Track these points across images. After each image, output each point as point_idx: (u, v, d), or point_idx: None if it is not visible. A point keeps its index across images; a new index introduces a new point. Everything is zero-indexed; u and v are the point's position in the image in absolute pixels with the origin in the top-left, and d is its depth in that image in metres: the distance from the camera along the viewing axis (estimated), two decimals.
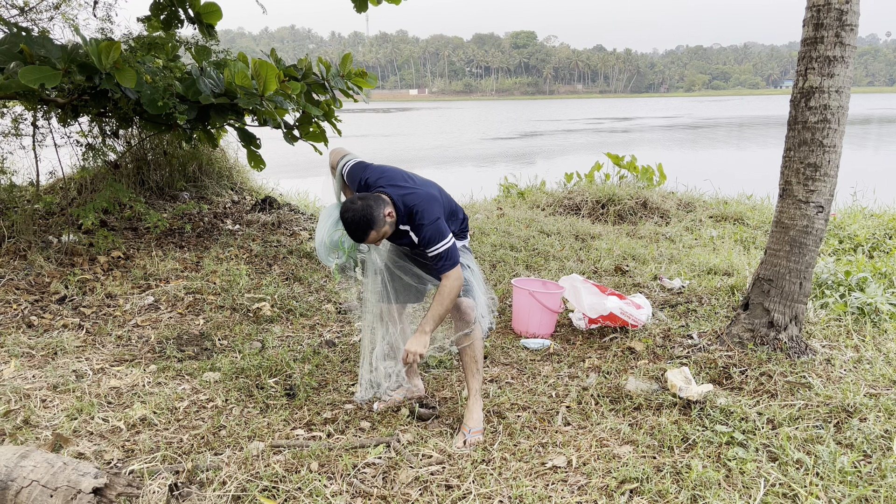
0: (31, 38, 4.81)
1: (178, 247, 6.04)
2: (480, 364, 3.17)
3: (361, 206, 2.82)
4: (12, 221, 5.67)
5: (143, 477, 2.62)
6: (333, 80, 6.08)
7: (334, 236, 3.09)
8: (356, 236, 2.87)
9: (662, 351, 3.95)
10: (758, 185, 9.82)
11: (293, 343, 4.22)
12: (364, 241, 2.90)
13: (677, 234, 7.39)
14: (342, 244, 3.10)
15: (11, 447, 2.43)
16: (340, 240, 3.09)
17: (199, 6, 6.81)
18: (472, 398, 3.15)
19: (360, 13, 6.42)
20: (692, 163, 20.05)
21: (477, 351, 3.14)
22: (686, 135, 34.76)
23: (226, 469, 2.72)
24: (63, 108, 5.66)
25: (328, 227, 3.09)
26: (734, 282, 5.16)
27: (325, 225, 3.10)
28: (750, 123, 44.05)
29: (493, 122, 52.35)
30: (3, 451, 2.36)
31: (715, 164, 19.67)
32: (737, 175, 13.40)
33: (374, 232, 2.85)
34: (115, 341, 4.14)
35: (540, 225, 7.65)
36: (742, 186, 9.98)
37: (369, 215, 2.81)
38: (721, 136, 33.97)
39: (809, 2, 3.53)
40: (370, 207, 2.82)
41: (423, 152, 26.58)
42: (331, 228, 3.09)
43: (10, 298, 4.57)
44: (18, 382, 3.41)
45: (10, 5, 7.97)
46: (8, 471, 2.27)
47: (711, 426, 3.03)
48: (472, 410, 3.12)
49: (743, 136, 33.48)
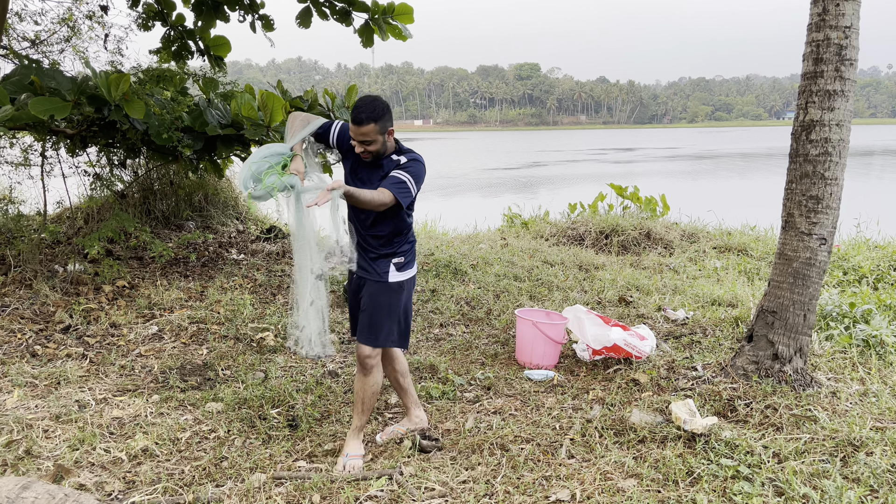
0: (42, 69, 4.90)
1: (183, 276, 6.06)
2: (367, 406, 3.23)
3: (384, 101, 2.98)
4: (19, 251, 5.71)
5: None
6: (339, 112, 6.15)
7: (262, 166, 2.95)
8: (361, 111, 2.91)
9: (667, 383, 3.93)
10: (761, 216, 9.84)
11: (296, 373, 4.22)
12: (363, 123, 2.91)
13: (681, 264, 7.39)
14: (264, 177, 2.94)
15: (13, 478, 2.42)
16: (266, 173, 2.94)
17: (208, 39, 6.95)
18: (350, 430, 3.26)
19: (367, 48, 6.52)
20: (695, 193, 20.12)
21: (367, 392, 3.20)
22: (689, 166, 34.92)
23: (227, 501, 2.70)
24: (72, 138, 5.73)
25: (259, 157, 2.96)
26: (738, 313, 5.15)
27: (259, 154, 2.97)
28: (753, 154, 44.25)
29: (497, 152, 52.70)
30: (5, 483, 2.35)
31: (718, 195, 19.75)
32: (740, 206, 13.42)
33: (375, 124, 2.91)
34: (118, 371, 4.14)
35: (544, 255, 7.66)
36: (746, 217, 10.01)
37: (385, 108, 2.96)
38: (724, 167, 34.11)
39: (809, 37, 3.58)
40: (388, 109, 2.98)
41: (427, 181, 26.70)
42: (261, 160, 2.96)
43: (15, 327, 4.58)
44: (21, 412, 3.40)
45: (21, 38, 8.11)
46: (10, 501, 2.26)
47: (717, 460, 3.00)
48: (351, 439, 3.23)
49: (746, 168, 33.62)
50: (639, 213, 9.76)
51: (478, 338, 4.97)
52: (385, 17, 6.45)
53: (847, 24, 3.48)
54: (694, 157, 41.85)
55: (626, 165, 35.65)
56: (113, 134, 5.64)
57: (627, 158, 42.03)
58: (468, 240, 8.94)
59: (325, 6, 6.55)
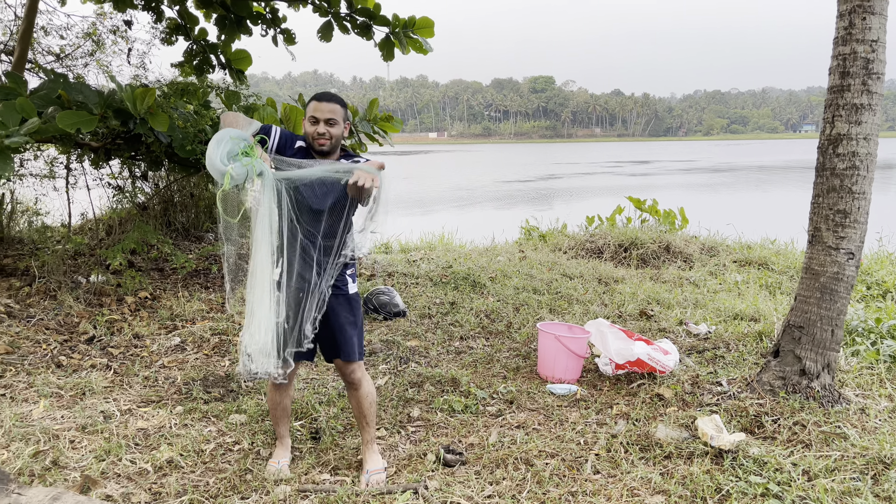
0: (70, 84, 4.97)
1: (204, 287, 6.10)
2: (371, 418, 3.19)
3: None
4: (43, 262, 5.77)
5: None
6: (360, 125, 6.19)
7: (234, 147, 2.69)
8: (326, 93, 2.93)
9: (691, 398, 3.89)
10: (781, 230, 9.76)
11: (318, 386, 4.22)
12: (332, 100, 2.89)
13: (701, 278, 7.34)
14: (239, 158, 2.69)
15: (43, 489, 2.44)
16: (238, 155, 2.70)
17: (229, 53, 7.04)
18: (363, 446, 3.20)
19: (387, 62, 6.56)
20: (714, 206, 20.00)
21: (365, 405, 3.15)
22: (706, 178, 34.75)
23: None
24: (96, 151, 5.81)
25: (226, 137, 2.69)
26: (762, 328, 5.10)
27: (226, 135, 2.69)
28: (770, 167, 43.96)
29: (512, 164, 52.75)
30: (35, 493, 2.37)
31: (737, 208, 19.60)
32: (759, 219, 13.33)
33: (341, 107, 2.91)
34: (142, 382, 4.16)
35: (562, 268, 7.64)
36: (765, 230, 9.93)
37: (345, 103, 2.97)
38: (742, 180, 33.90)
39: (835, 50, 3.56)
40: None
41: (442, 194, 26.78)
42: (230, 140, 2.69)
43: (41, 338, 4.63)
44: (48, 423, 3.43)
45: (46, 52, 8.25)
46: None
47: (745, 476, 2.96)
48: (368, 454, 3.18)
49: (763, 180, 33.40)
50: (657, 226, 9.71)
51: (499, 351, 4.96)
52: (406, 30, 6.50)
53: (874, 37, 3.46)
54: (711, 170, 41.66)
55: (643, 178, 35.53)
56: (137, 147, 5.71)
57: (643, 171, 41.91)
58: (486, 252, 8.93)
59: (347, 20, 6.61)
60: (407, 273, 7.25)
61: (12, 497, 2.38)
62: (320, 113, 2.88)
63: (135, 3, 6.83)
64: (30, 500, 2.36)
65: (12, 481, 2.50)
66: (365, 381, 3.16)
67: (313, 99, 2.94)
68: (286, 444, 3.29)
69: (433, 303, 6.17)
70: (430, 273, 7.25)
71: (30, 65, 7.32)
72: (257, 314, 2.79)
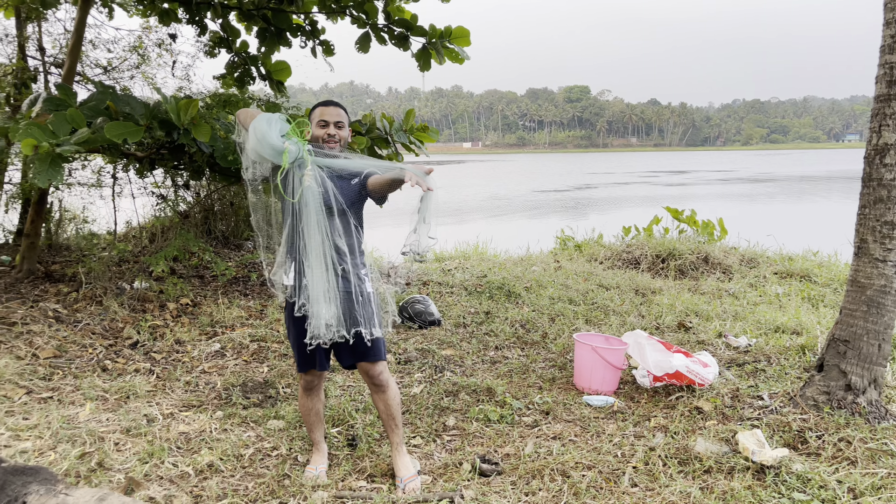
0: (117, 95, 5.11)
1: (243, 295, 6.20)
2: (400, 420, 3.20)
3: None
4: (89, 268, 5.93)
5: None
6: (396, 135, 6.24)
7: (283, 127, 2.84)
8: (332, 100, 3.06)
9: (732, 412, 3.83)
10: (824, 241, 9.55)
11: (354, 393, 4.25)
12: (339, 105, 3.03)
13: (741, 290, 7.21)
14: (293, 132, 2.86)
15: (89, 490, 2.49)
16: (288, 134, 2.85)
17: (270, 64, 7.16)
18: (394, 450, 3.20)
19: (424, 72, 6.61)
20: (753, 217, 19.65)
21: (393, 406, 3.15)
22: (745, 189, 34.16)
23: None
24: (141, 161, 5.95)
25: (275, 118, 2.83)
26: (804, 341, 4.99)
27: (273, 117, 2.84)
28: (812, 178, 43.04)
29: (547, 174, 52.55)
30: (82, 494, 2.43)
31: (777, 219, 19.24)
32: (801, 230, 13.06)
33: (346, 113, 3.04)
34: (183, 387, 4.24)
35: (598, 279, 7.58)
36: (808, 242, 9.71)
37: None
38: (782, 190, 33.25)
39: (882, 59, 3.49)
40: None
41: (476, 203, 26.79)
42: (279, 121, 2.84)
43: (87, 342, 4.75)
44: (93, 425, 3.52)
45: (94, 64, 8.50)
46: None
47: (788, 493, 2.90)
48: (399, 459, 3.17)
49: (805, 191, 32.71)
50: (695, 236, 9.59)
51: (534, 361, 4.94)
52: (442, 40, 6.54)
53: None
54: (750, 181, 40.94)
55: (680, 188, 35.09)
56: (180, 156, 5.84)
57: (680, 181, 41.39)
58: (521, 262, 8.91)
59: (384, 31, 6.68)
60: (442, 282, 7.27)
61: (60, 497, 2.45)
62: (329, 116, 3.01)
63: (179, 17, 7.00)
64: (77, 500, 2.42)
65: (60, 482, 2.57)
66: (392, 382, 3.17)
67: (319, 105, 3.06)
68: (323, 451, 3.32)
69: (468, 312, 6.17)
70: (465, 282, 7.26)
71: (79, 77, 7.55)
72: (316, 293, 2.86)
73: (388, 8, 6.56)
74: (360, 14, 6.64)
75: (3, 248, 7.36)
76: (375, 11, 6.60)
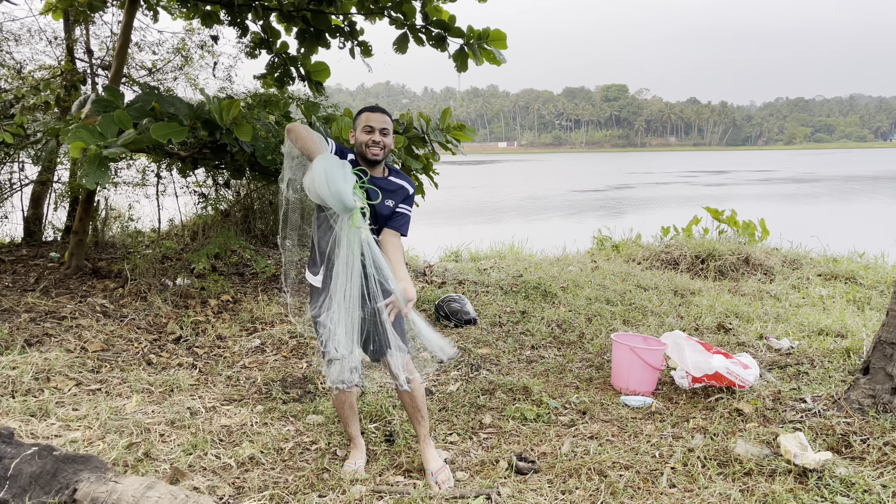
0: (162, 96, 5.24)
1: (282, 292, 6.30)
2: (426, 411, 3.25)
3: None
4: (135, 265, 6.09)
5: None
6: (433, 134, 6.28)
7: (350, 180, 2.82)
8: (377, 106, 3.11)
9: (773, 414, 3.77)
10: (870, 242, 9.31)
11: (391, 390, 4.29)
12: (385, 112, 3.07)
13: (783, 291, 7.08)
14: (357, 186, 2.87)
15: (137, 478, 2.58)
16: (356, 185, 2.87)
17: (309, 65, 7.26)
18: (421, 443, 3.24)
19: (461, 73, 6.63)
20: (796, 218, 19.24)
21: (419, 396, 3.20)
22: (788, 189, 33.44)
23: None
24: (184, 160, 6.09)
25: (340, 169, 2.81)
26: (849, 344, 4.88)
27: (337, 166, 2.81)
28: (858, 178, 41.92)
29: (584, 174, 52.16)
30: (132, 482, 2.51)
31: (821, 220, 18.80)
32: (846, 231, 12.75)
33: (391, 119, 3.06)
34: (224, 381, 4.33)
35: (636, 279, 7.51)
36: (853, 243, 9.49)
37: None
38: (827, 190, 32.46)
39: None
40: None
41: (511, 203, 26.74)
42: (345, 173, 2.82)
43: (133, 337, 4.88)
44: (140, 417, 3.62)
45: (140, 66, 8.72)
46: (135, 500, 2.41)
47: (831, 497, 2.85)
48: (428, 451, 3.23)
49: (850, 191, 31.87)
50: (736, 237, 9.43)
51: (571, 361, 4.92)
52: (480, 42, 6.56)
53: None
54: (793, 181, 40.06)
55: (720, 188, 34.50)
56: (222, 156, 5.96)
57: (720, 181, 40.70)
58: (557, 262, 8.88)
59: (422, 32, 6.72)
60: (477, 281, 7.28)
61: (109, 485, 2.53)
62: (375, 122, 3.01)
63: (221, 18, 7.15)
64: (125, 488, 2.50)
65: (109, 470, 2.66)
66: (417, 375, 3.22)
67: (366, 110, 3.08)
68: (360, 446, 3.37)
69: (504, 311, 6.18)
70: (501, 282, 7.26)
71: (125, 79, 7.76)
72: (339, 332, 2.91)
73: (426, 8, 6.60)
74: (398, 15, 6.69)
75: (53, 245, 7.61)
76: (413, 12, 6.64)
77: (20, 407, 3.57)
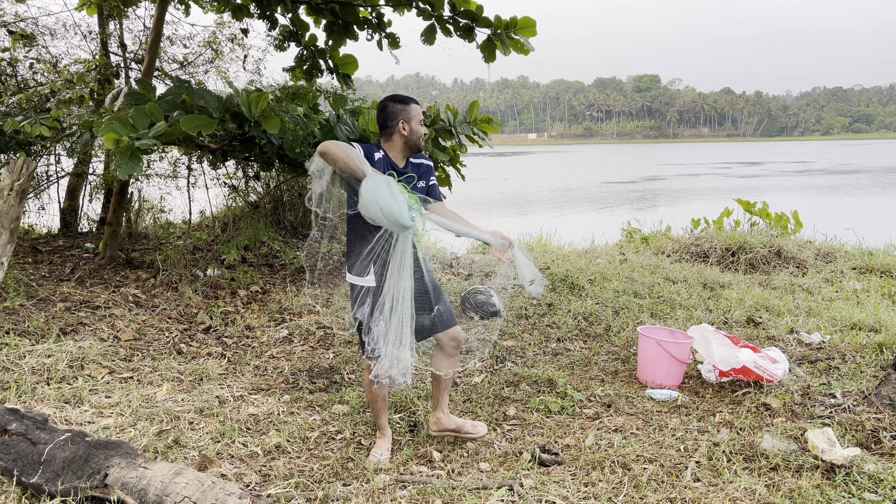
0: (192, 89, 5.32)
1: (310, 283, 6.36)
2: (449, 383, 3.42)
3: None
4: (166, 255, 6.20)
5: (279, 501, 2.76)
6: (460, 127, 6.27)
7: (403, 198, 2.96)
8: (408, 98, 3.25)
9: (801, 409, 3.71)
10: None
11: (416, 380, 4.32)
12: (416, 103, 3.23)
13: (815, 285, 6.95)
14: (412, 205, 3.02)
15: (166, 464, 2.64)
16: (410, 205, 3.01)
17: (337, 58, 7.29)
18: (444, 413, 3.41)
19: (488, 63, 6.61)
20: (831, 210, 18.85)
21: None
22: (823, 180, 32.74)
23: (354, 500, 2.82)
24: (214, 153, 6.18)
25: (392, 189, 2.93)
26: (882, 339, 4.78)
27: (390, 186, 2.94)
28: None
29: (615, 165, 51.66)
30: (161, 468, 2.57)
31: (857, 212, 18.39)
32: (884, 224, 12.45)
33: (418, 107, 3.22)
34: (252, 371, 4.41)
35: (665, 272, 7.44)
36: (890, 236, 9.26)
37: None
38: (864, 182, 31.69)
39: None
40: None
41: (541, 195, 26.61)
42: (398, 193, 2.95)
43: (164, 326, 4.99)
44: (170, 405, 3.70)
45: (171, 60, 8.84)
46: (164, 486, 2.47)
47: (859, 493, 2.81)
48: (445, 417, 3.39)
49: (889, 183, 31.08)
50: (768, 230, 9.28)
51: (597, 354, 4.90)
52: (508, 31, 6.52)
53: None
54: (829, 172, 39.20)
55: (753, 180, 33.92)
56: (251, 148, 6.03)
57: (753, 173, 39.99)
58: (585, 254, 8.82)
59: (450, 23, 6.70)
60: None
61: (139, 471, 2.60)
62: (422, 116, 3.25)
63: (251, 11, 7.21)
64: (155, 474, 2.56)
65: (139, 456, 2.73)
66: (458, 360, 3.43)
67: (415, 103, 3.24)
68: (387, 435, 3.40)
69: (530, 303, 6.17)
70: None
71: (157, 72, 7.88)
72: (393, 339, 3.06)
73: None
74: (425, 6, 6.69)
75: (88, 235, 7.78)
76: (441, 3, 6.63)
77: (55, 394, 3.68)
